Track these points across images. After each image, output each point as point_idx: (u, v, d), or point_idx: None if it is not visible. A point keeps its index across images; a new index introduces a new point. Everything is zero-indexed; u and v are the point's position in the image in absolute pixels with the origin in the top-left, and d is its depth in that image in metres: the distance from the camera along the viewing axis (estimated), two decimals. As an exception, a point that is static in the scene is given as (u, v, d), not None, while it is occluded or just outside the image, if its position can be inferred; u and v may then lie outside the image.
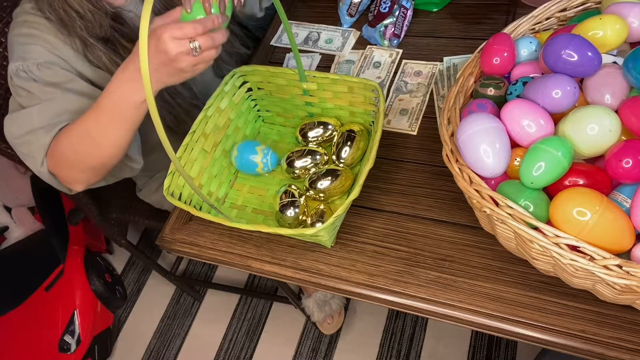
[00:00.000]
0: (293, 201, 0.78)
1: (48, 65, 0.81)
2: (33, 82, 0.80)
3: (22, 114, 0.80)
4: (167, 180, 0.76)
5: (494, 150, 0.60)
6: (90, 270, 1.57)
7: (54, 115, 0.79)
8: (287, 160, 0.84)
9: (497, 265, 0.70)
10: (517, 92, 0.68)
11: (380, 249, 0.75)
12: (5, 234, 1.67)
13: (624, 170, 0.55)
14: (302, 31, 1.08)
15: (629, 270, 0.50)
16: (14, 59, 0.82)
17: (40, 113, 0.78)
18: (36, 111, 0.79)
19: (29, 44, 0.82)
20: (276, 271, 0.77)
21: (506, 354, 1.37)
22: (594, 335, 0.62)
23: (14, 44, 0.83)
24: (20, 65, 0.81)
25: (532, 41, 0.73)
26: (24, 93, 0.81)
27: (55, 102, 0.80)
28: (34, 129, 0.78)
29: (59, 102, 0.80)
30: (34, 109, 0.79)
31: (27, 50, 0.82)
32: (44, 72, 0.81)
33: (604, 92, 0.61)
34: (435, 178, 0.81)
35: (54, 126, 0.78)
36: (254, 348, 1.54)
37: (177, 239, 0.83)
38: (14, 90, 0.82)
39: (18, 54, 0.82)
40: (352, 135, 0.82)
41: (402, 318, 1.48)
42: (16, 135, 0.80)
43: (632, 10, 0.65)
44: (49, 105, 0.79)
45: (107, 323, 1.61)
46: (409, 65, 0.97)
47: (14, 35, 0.84)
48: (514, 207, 0.56)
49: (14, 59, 0.82)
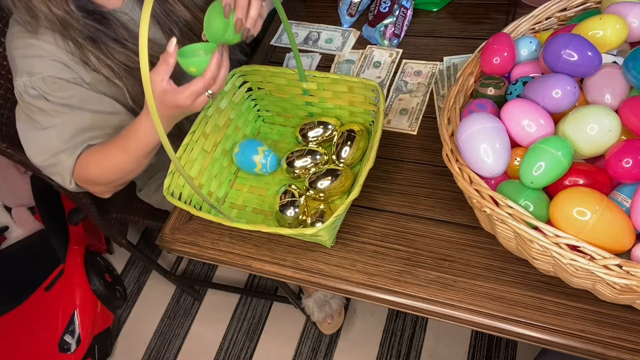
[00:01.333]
0: (293, 201, 0.78)
1: (54, 80, 0.83)
2: (44, 101, 0.82)
3: (40, 137, 0.84)
4: (167, 180, 0.76)
5: (494, 150, 0.60)
6: (91, 270, 1.57)
7: (71, 136, 0.83)
8: (287, 160, 0.84)
9: (497, 265, 0.70)
10: (517, 92, 0.68)
11: (381, 249, 0.75)
12: (5, 234, 1.66)
13: (624, 170, 0.55)
14: (302, 31, 1.08)
15: (629, 270, 0.50)
16: (19, 74, 0.83)
17: (58, 135, 0.83)
18: (54, 134, 0.83)
19: (31, 57, 0.83)
20: (276, 271, 0.77)
21: (506, 354, 1.37)
22: (594, 335, 0.62)
23: (14, 57, 0.84)
24: (27, 81, 0.82)
25: (532, 41, 0.73)
26: (36, 110, 0.83)
27: (68, 124, 0.83)
28: (56, 152, 0.83)
29: (72, 122, 0.84)
30: (51, 131, 0.83)
31: (30, 64, 0.82)
32: (51, 87, 0.82)
33: (604, 91, 0.61)
34: (436, 178, 0.81)
35: (74, 148, 0.84)
36: (254, 348, 1.54)
37: (177, 238, 0.83)
38: (25, 106, 0.84)
39: (22, 69, 0.83)
40: (352, 135, 0.82)
41: (402, 318, 1.48)
42: (41, 159, 0.85)
43: (632, 10, 0.65)
44: (64, 128, 0.83)
45: (107, 323, 1.61)
46: (409, 65, 0.97)
47: (12, 49, 0.84)
48: (514, 206, 0.56)
49: (19, 73, 0.83)
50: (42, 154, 0.84)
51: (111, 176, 0.85)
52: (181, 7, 0.94)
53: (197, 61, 0.69)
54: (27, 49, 0.83)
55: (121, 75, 0.87)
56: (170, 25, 0.94)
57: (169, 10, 0.93)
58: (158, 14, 0.93)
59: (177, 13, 0.94)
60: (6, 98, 1.01)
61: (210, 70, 0.69)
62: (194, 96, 0.70)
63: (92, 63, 0.85)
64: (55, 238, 1.56)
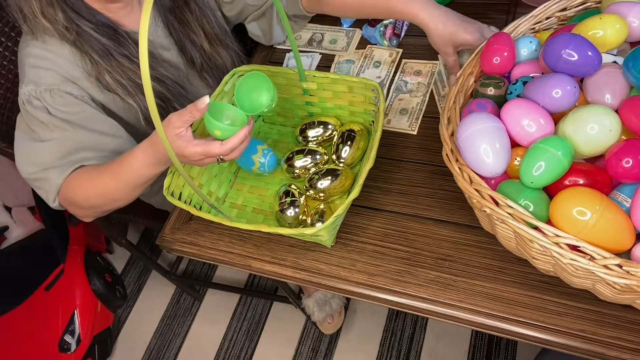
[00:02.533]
0: (293, 201, 0.78)
1: (61, 94, 0.81)
2: (46, 114, 0.81)
3: (33, 149, 0.82)
4: (167, 180, 0.76)
5: (494, 150, 0.60)
6: (91, 270, 1.57)
7: (65, 154, 0.81)
8: (286, 160, 0.84)
9: (497, 265, 0.70)
10: (517, 92, 0.68)
11: (381, 249, 0.75)
12: (6, 234, 1.67)
13: (624, 169, 0.55)
14: (305, 32, 1.08)
15: (629, 270, 0.50)
16: (26, 82, 0.81)
17: (52, 151, 0.81)
18: (48, 148, 0.81)
19: (41, 68, 0.81)
20: (276, 271, 0.77)
21: (506, 354, 1.37)
22: (594, 334, 0.62)
23: (25, 65, 0.82)
24: (32, 90, 0.80)
25: (532, 41, 0.73)
26: (36, 122, 0.81)
27: (67, 140, 0.81)
28: (47, 167, 0.81)
29: (71, 139, 0.82)
30: (46, 145, 0.81)
31: (39, 74, 0.81)
32: (56, 101, 0.81)
33: (604, 91, 0.61)
34: (436, 178, 0.81)
35: (66, 167, 0.81)
36: (254, 348, 1.54)
37: (177, 238, 0.83)
38: (26, 115, 0.82)
39: (30, 78, 0.81)
40: (352, 134, 0.82)
41: (402, 318, 1.48)
42: (30, 171, 0.83)
43: (632, 9, 0.65)
44: (61, 144, 0.81)
45: (107, 323, 1.61)
46: (408, 64, 0.97)
47: (25, 55, 0.82)
48: (514, 206, 0.56)
49: (26, 82, 0.81)
50: (32, 166, 0.82)
51: (95, 200, 0.82)
52: (203, 37, 0.94)
53: (225, 128, 0.67)
54: (39, 59, 0.81)
55: (134, 94, 0.86)
56: (192, 53, 0.95)
57: (192, 38, 0.94)
58: (181, 41, 0.94)
59: (198, 43, 0.95)
60: (6, 98, 1.01)
61: (232, 143, 0.67)
62: (205, 157, 0.68)
63: (107, 82, 0.84)
64: (55, 238, 1.56)
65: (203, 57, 0.97)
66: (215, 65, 0.99)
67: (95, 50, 0.82)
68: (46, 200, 0.84)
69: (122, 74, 0.85)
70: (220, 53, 0.98)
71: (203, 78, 1.00)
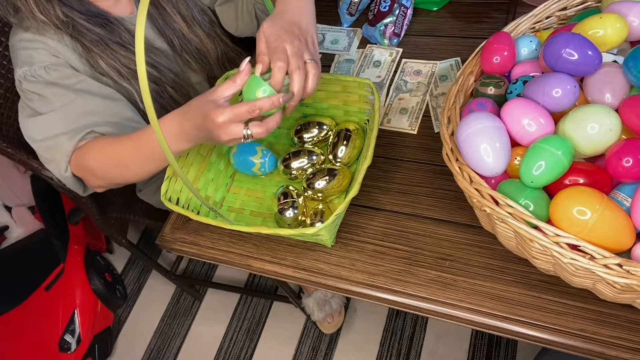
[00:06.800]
0: (292, 202, 0.78)
1: (55, 68, 0.81)
2: (43, 86, 0.80)
3: (40, 120, 0.80)
4: (164, 185, 0.75)
5: (494, 149, 0.60)
6: (91, 269, 1.57)
7: (73, 120, 0.79)
8: (283, 161, 0.84)
9: (498, 264, 0.70)
10: (518, 91, 0.67)
11: (381, 248, 0.75)
12: (6, 234, 1.66)
13: (624, 169, 0.55)
14: (303, 31, 1.08)
15: (629, 269, 0.50)
16: (20, 65, 0.81)
17: (59, 119, 0.79)
18: (54, 117, 0.79)
19: (32, 49, 0.82)
20: (276, 270, 0.77)
21: (506, 353, 1.37)
22: (594, 334, 0.62)
23: (16, 49, 0.83)
24: (27, 70, 0.81)
25: (532, 40, 0.73)
26: (35, 97, 0.81)
27: (70, 106, 0.80)
28: (56, 134, 0.79)
29: (75, 105, 0.80)
30: (51, 115, 0.79)
31: (31, 55, 0.81)
32: (52, 75, 0.81)
33: (604, 91, 0.61)
34: (436, 177, 0.81)
35: (75, 132, 0.79)
36: (254, 347, 1.54)
37: (177, 238, 0.83)
38: (24, 95, 0.82)
39: (22, 60, 0.82)
40: (348, 134, 0.82)
41: (402, 317, 1.48)
42: (37, 138, 0.80)
43: (632, 9, 0.65)
44: (66, 110, 0.79)
45: (107, 322, 1.61)
46: (408, 64, 0.97)
47: (16, 41, 0.83)
48: (514, 206, 0.56)
49: (19, 64, 0.82)
50: (42, 138, 0.80)
51: (111, 170, 0.79)
52: (179, 19, 0.94)
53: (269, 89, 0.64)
54: (30, 42, 0.82)
55: (129, 78, 0.86)
56: (170, 36, 0.95)
57: (167, 20, 0.94)
58: (159, 24, 0.93)
59: (174, 25, 0.94)
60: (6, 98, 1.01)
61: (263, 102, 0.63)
62: (233, 117, 0.62)
63: (100, 66, 0.84)
64: (55, 238, 1.56)
65: (182, 40, 0.96)
66: (196, 49, 0.98)
67: (90, 41, 0.83)
68: (58, 174, 0.81)
69: (116, 60, 0.85)
70: (199, 35, 0.97)
71: (185, 61, 0.99)
